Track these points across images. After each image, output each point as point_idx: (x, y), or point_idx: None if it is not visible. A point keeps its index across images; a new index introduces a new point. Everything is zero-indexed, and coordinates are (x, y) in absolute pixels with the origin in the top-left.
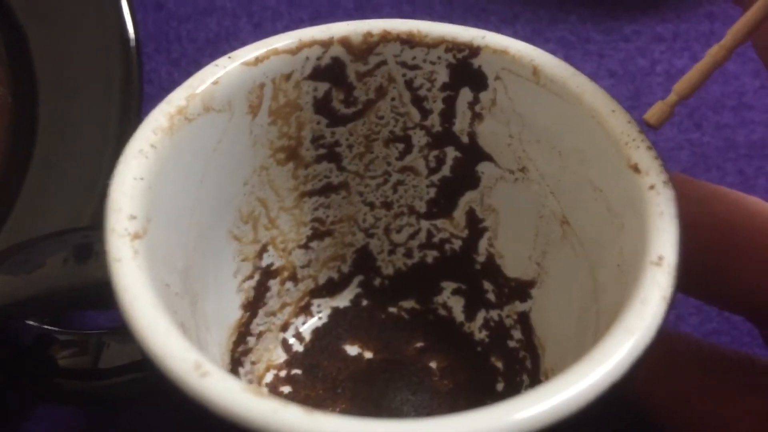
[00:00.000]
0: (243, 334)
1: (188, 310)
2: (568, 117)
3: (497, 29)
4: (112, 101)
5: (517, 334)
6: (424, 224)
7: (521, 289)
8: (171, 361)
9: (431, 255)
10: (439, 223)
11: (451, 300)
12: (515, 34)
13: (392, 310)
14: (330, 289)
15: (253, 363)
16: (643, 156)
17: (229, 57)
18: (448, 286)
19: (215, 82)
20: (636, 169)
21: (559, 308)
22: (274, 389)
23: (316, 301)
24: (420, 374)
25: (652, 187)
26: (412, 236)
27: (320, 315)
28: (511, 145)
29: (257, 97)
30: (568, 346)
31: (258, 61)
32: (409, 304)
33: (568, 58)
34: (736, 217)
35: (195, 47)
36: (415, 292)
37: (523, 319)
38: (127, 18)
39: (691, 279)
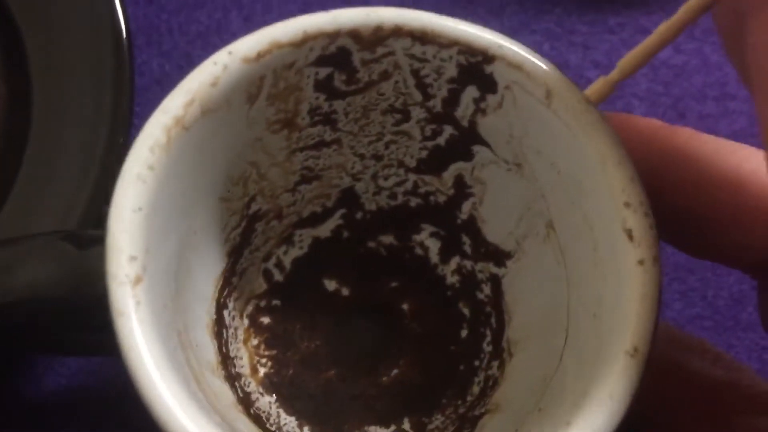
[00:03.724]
0: (228, 278)
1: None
2: (574, 148)
3: (484, 21)
4: (103, 94)
5: (487, 289)
6: (412, 176)
7: (498, 255)
8: None
9: (415, 201)
10: (426, 178)
11: (428, 240)
12: (502, 26)
13: (371, 244)
14: (313, 221)
15: (236, 299)
16: (640, 222)
17: (229, 53)
18: (428, 228)
19: (213, 84)
20: (630, 235)
21: (530, 293)
22: (254, 320)
23: (298, 232)
24: (392, 316)
25: (641, 263)
26: (398, 184)
27: (301, 244)
28: (510, 143)
29: (257, 88)
30: (534, 333)
31: (260, 56)
32: (387, 239)
33: (553, 50)
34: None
35: (186, 40)
36: (395, 227)
37: (495, 282)
38: (119, 11)
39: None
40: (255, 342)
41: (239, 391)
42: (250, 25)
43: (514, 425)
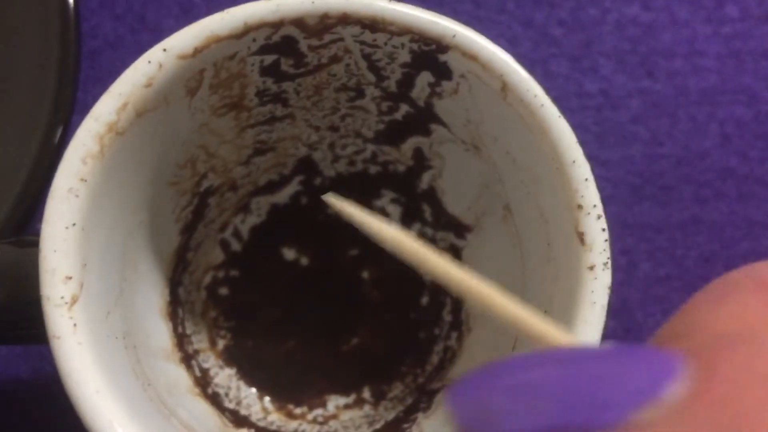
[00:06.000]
0: (182, 255)
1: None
2: (529, 143)
3: None
4: (49, 57)
5: (447, 258)
6: (370, 146)
7: (458, 227)
8: None
9: (374, 169)
10: (385, 148)
11: (389, 206)
12: None
13: (330, 210)
14: (270, 189)
15: (191, 273)
16: (592, 226)
17: (164, 49)
18: (388, 194)
19: (148, 84)
20: (581, 239)
21: (488, 270)
22: (212, 292)
23: (255, 200)
24: (352, 285)
25: (591, 268)
26: (356, 153)
27: (259, 212)
28: (467, 126)
29: (197, 81)
30: None
31: (197, 51)
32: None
33: (518, 8)
34: None
35: (140, 2)
36: (355, 193)
37: (455, 252)
38: None
39: None
40: (213, 314)
41: (196, 369)
42: None
43: None
